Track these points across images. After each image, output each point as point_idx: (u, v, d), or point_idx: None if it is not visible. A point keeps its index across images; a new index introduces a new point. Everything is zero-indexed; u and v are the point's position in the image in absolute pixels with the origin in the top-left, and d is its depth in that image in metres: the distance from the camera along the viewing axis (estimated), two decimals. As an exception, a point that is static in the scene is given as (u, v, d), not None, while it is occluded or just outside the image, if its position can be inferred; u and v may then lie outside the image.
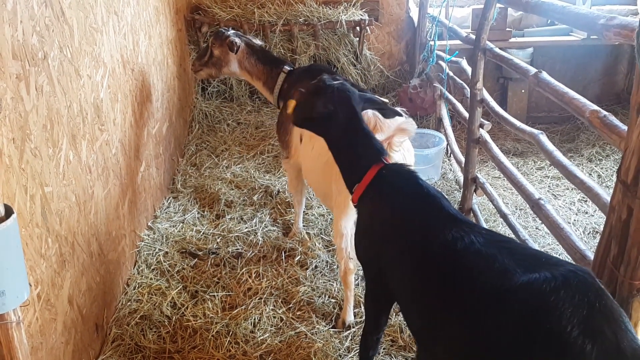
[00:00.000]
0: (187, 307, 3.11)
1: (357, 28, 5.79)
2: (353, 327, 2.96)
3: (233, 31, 3.98)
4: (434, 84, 5.29)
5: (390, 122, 2.65)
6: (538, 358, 1.44)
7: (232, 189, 4.45)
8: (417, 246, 1.91)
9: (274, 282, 3.32)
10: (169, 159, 4.51)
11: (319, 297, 3.22)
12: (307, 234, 3.81)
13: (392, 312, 2.92)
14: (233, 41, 3.84)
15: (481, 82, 3.60)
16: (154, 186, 4.02)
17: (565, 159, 2.54)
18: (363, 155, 2.24)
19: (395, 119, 2.60)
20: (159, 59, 4.35)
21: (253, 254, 3.61)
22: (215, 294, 3.22)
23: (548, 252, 3.64)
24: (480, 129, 3.70)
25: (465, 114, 4.16)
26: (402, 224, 2.02)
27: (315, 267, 3.50)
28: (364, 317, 2.57)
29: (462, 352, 1.67)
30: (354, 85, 3.25)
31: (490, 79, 5.71)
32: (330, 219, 3.98)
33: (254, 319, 3.01)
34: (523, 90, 5.71)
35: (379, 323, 2.32)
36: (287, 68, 3.76)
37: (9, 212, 1.54)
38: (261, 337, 2.88)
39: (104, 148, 2.96)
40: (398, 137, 2.53)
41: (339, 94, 2.29)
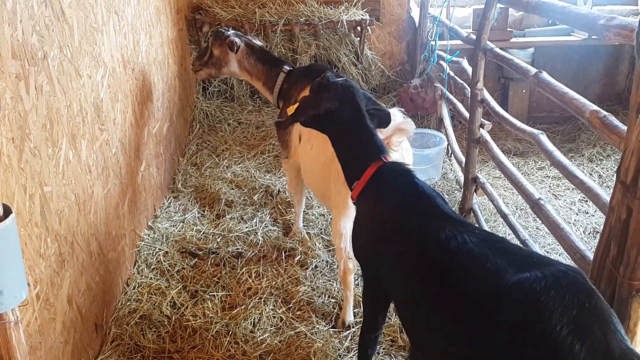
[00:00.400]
0: (186, 307, 3.11)
1: (358, 28, 5.79)
2: (353, 327, 2.96)
3: (233, 31, 3.98)
4: (435, 84, 5.28)
5: None
6: (528, 357, 1.45)
7: (233, 189, 4.45)
8: (409, 245, 1.91)
9: (274, 282, 3.32)
10: (169, 158, 4.52)
11: (319, 297, 3.22)
12: (307, 233, 3.81)
13: (392, 312, 2.93)
14: (233, 41, 3.84)
15: (482, 82, 3.59)
16: (154, 186, 4.03)
17: (565, 159, 2.54)
18: (364, 152, 2.25)
19: (394, 120, 2.59)
20: (160, 59, 4.35)
21: (253, 253, 3.61)
22: (215, 293, 3.22)
23: (548, 252, 3.64)
24: (481, 129, 3.70)
25: (465, 114, 4.16)
26: (396, 223, 2.02)
27: (315, 267, 3.49)
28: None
29: (455, 351, 1.68)
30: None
31: (491, 79, 5.70)
32: (331, 218, 3.98)
33: (254, 319, 3.01)
34: (524, 90, 5.71)
35: (376, 321, 2.32)
36: (287, 68, 3.76)
37: (7, 211, 1.53)
38: (261, 337, 2.88)
39: (104, 147, 2.96)
40: (397, 137, 2.53)
41: (344, 90, 2.30)
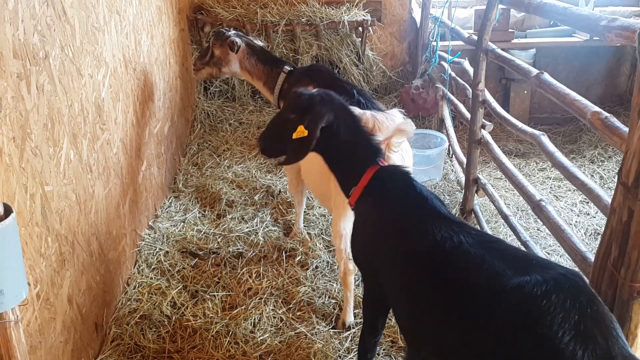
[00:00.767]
0: (187, 307, 3.10)
1: (360, 28, 5.79)
2: (353, 328, 2.95)
3: (234, 31, 3.99)
4: (436, 85, 5.28)
5: (388, 122, 2.64)
6: None
7: (234, 189, 4.45)
8: (406, 247, 1.90)
9: (274, 282, 3.31)
10: (170, 158, 4.52)
11: (319, 297, 3.22)
12: (308, 234, 3.80)
13: (392, 313, 2.92)
14: (234, 41, 3.85)
15: (483, 83, 3.59)
16: (155, 185, 4.03)
17: (567, 160, 2.53)
18: (360, 159, 2.21)
19: (394, 120, 2.59)
20: (161, 59, 4.35)
21: (254, 253, 3.61)
22: (216, 293, 3.22)
23: (549, 253, 3.63)
24: (482, 130, 3.70)
25: (467, 114, 4.15)
26: (393, 226, 2.01)
27: (316, 267, 3.49)
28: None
29: (452, 354, 1.65)
30: (354, 87, 3.24)
31: (492, 80, 5.70)
32: (331, 219, 3.97)
33: (254, 319, 3.01)
34: (525, 91, 5.70)
35: (376, 326, 2.31)
36: (288, 68, 3.77)
37: (8, 211, 1.53)
38: (261, 338, 2.88)
39: (105, 147, 2.96)
40: (396, 138, 2.52)
41: (331, 100, 2.24)
